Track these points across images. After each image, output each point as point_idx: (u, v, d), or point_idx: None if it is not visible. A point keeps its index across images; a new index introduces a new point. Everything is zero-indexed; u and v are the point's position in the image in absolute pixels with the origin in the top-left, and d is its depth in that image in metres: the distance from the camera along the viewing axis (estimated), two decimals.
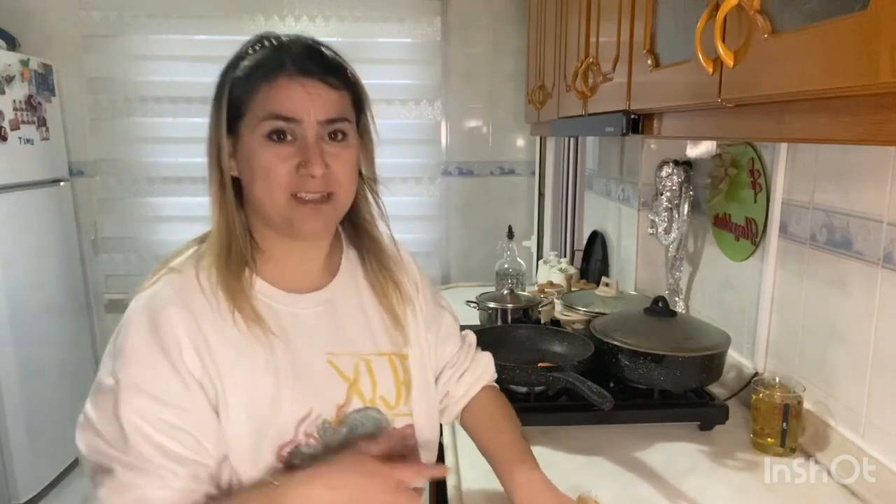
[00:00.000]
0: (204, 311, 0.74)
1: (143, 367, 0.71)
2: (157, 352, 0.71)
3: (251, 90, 0.75)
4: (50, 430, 2.65)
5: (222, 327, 0.75)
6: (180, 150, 2.92)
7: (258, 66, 0.76)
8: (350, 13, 2.85)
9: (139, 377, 0.70)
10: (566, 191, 2.79)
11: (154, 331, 0.72)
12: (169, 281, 0.76)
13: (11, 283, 2.46)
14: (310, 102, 0.75)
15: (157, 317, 0.72)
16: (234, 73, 0.76)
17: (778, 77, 0.65)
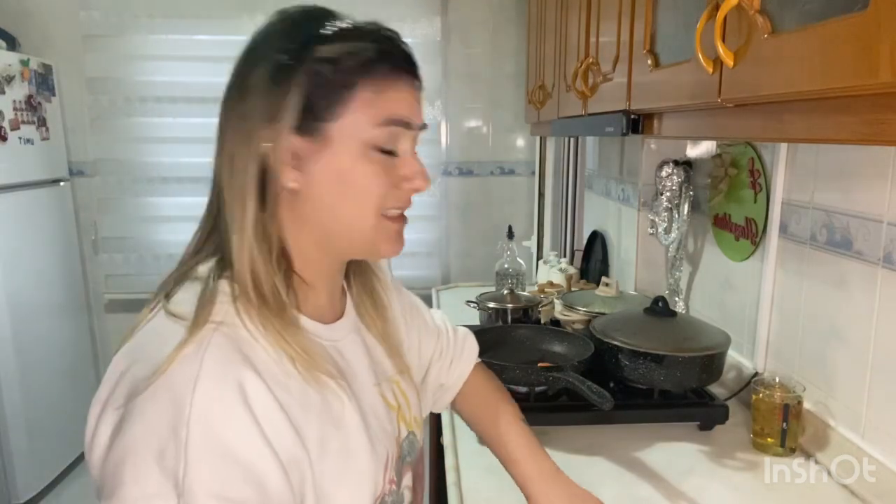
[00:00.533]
0: (274, 375, 0.57)
1: (217, 465, 0.51)
2: (233, 442, 0.52)
3: (348, 85, 0.59)
4: (50, 430, 2.65)
5: (296, 391, 0.58)
6: (180, 150, 2.93)
7: (358, 56, 0.59)
8: (350, 13, 2.84)
9: (213, 479, 0.51)
10: (566, 191, 2.79)
11: (237, 407, 0.53)
12: (224, 336, 0.56)
13: (11, 283, 2.46)
14: (418, 105, 0.63)
15: (239, 385, 0.53)
16: (310, 57, 0.58)
17: (778, 77, 0.65)
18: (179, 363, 0.53)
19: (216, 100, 0.64)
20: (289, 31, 0.61)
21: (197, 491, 0.50)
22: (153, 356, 0.54)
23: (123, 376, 0.56)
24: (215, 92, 0.65)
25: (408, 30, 2.88)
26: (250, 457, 0.53)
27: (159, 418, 0.51)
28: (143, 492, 0.50)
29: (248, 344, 0.57)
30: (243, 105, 0.59)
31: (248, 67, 0.61)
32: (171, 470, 0.50)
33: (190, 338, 0.55)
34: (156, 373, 0.53)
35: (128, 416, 0.53)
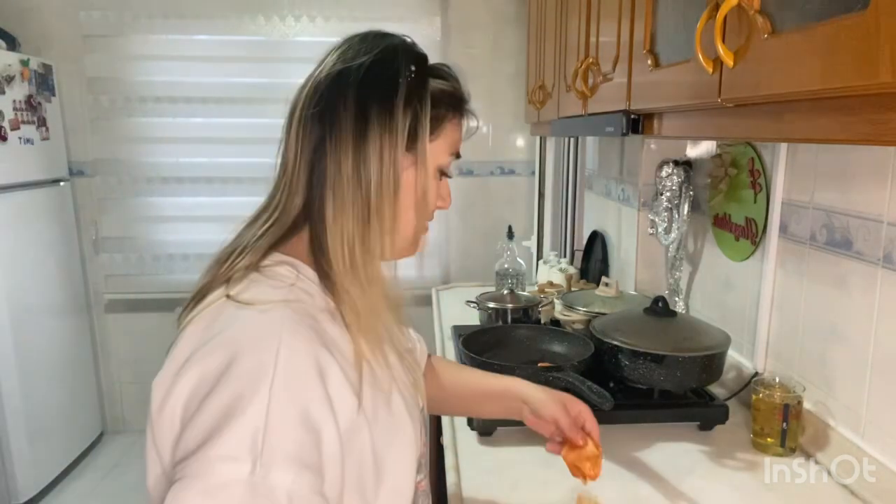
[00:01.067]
0: (341, 350, 0.64)
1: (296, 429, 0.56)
2: (320, 400, 0.58)
3: (442, 118, 0.72)
4: (50, 430, 2.66)
5: (350, 352, 0.66)
6: (180, 150, 2.93)
7: (451, 96, 0.74)
8: (350, 13, 2.86)
9: (293, 440, 0.56)
10: (566, 191, 2.79)
11: (313, 380, 0.59)
12: (297, 312, 0.63)
13: (11, 283, 2.46)
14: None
15: (316, 361, 0.60)
16: (426, 88, 0.70)
17: (778, 77, 0.65)
18: (260, 335, 0.59)
19: (216, 100, 0.66)
20: (410, 57, 0.71)
21: (276, 453, 0.54)
22: (235, 335, 0.59)
23: (201, 349, 0.60)
24: (215, 92, 0.66)
25: (408, 30, 2.83)
26: (319, 425, 0.57)
27: (243, 386, 0.55)
28: (224, 452, 0.53)
29: (312, 319, 0.64)
30: (382, 113, 0.67)
31: (375, 80, 0.68)
32: (252, 433, 0.53)
33: (267, 314, 0.61)
34: (237, 347, 0.58)
35: (213, 385, 0.56)
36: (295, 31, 2.86)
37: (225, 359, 0.57)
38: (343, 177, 0.66)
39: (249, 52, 2.88)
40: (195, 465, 0.53)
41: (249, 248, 0.68)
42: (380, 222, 0.67)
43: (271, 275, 0.66)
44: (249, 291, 0.64)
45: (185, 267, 2.97)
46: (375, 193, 0.66)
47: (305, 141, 0.68)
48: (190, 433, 0.55)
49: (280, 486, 0.53)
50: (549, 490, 1.04)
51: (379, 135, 0.66)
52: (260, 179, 2.92)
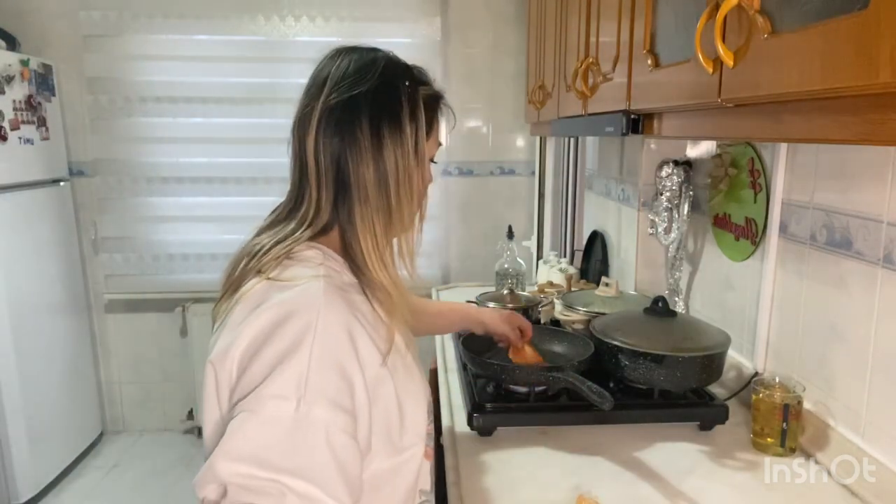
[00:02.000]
0: (366, 315, 0.76)
1: (334, 377, 0.68)
2: (352, 356, 0.70)
3: (432, 119, 0.84)
4: (50, 430, 2.66)
5: (377, 325, 0.77)
6: (180, 150, 2.93)
7: (434, 97, 0.85)
8: (350, 13, 2.86)
9: (331, 386, 0.67)
10: (566, 191, 2.79)
11: (346, 339, 0.70)
12: (331, 283, 0.74)
13: (11, 283, 2.46)
14: None
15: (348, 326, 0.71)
16: (420, 93, 0.81)
17: (778, 77, 0.65)
18: (304, 301, 0.70)
19: (216, 100, 0.68)
20: (402, 73, 0.81)
21: (316, 395, 0.65)
22: (281, 303, 0.70)
23: (255, 311, 0.71)
24: (215, 92, 0.68)
25: (408, 30, 2.89)
26: (351, 376, 0.69)
27: (291, 338, 0.67)
28: (275, 391, 0.65)
29: (344, 290, 0.76)
30: (393, 127, 0.78)
31: (383, 100, 0.78)
32: (297, 376, 0.65)
33: (306, 285, 0.72)
34: (285, 312, 0.69)
35: (263, 342, 0.68)
36: (295, 31, 2.86)
37: (277, 318, 0.68)
38: (367, 186, 0.77)
39: (249, 52, 2.88)
40: (252, 402, 0.65)
41: (281, 245, 0.78)
42: (400, 218, 0.80)
43: (301, 258, 0.77)
44: (287, 272, 0.75)
45: (184, 267, 2.97)
46: (395, 196, 0.78)
47: (328, 160, 0.77)
48: (247, 378, 0.67)
49: (319, 421, 0.65)
50: (549, 490, 1.04)
51: (393, 149, 0.78)
52: (259, 179, 2.93)
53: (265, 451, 0.63)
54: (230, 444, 0.64)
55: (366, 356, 0.71)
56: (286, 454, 0.63)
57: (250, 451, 0.63)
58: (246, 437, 0.64)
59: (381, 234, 0.78)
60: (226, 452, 0.63)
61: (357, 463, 0.69)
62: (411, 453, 0.80)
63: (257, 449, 0.63)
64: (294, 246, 0.78)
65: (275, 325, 0.68)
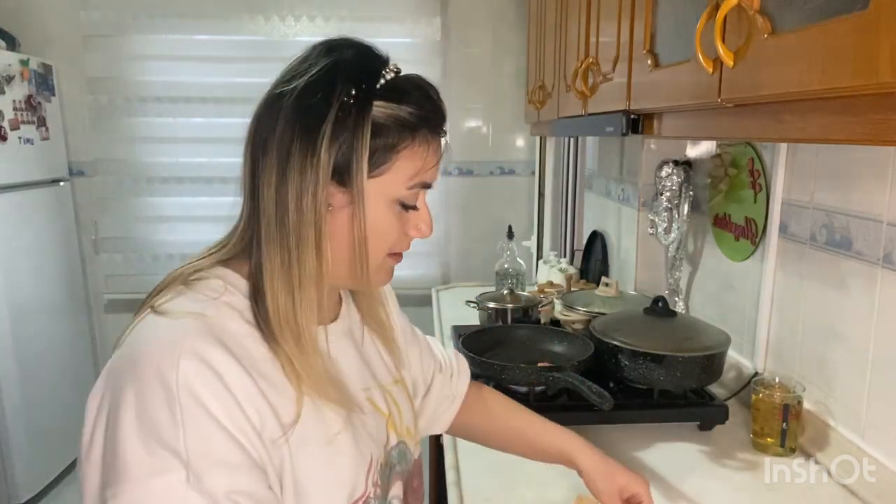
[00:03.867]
0: (255, 364, 0.60)
1: (214, 433, 0.55)
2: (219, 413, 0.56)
3: (392, 149, 0.63)
4: (50, 430, 2.65)
5: (279, 382, 0.61)
6: (180, 150, 2.93)
7: (404, 123, 0.63)
8: (350, 13, 2.85)
9: (213, 445, 0.55)
10: (566, 191, 2.79)
11: (216, 384, 0.56)
12: (203, 324, 0.60)
13: (11, 283, 2.46)
14: (439, 164, 0.68)
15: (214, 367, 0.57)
16: (367, 114, 0.61)
17: (778, 77, 0.65)
18: (164, 348, 0.56)
19: (216, 100, 0.66)
20: (350, 79, 0.62)
21: (202, 459, 0.53)
22: (138, 346, 0.59)
23: (113, 363, 0.60)
24: (215, 92, 0.66)
25: (408, 30, 2.88)
26: (238, 427, 0.56)
27: (151, 399, 0.54)
28: (152, 468, 0.52)
29: (228, 334, 0.60)
30: (304, 147, 0.60)
31: (304, 107, 0.61)
32: (172, 444, 0.53)
33: (176, 323, 0.59)
34: (140, 359, 0.57)
35: (119, 402, 0.55)
36: (295, 31, 2.86)
37: (130, 374, 0.56)
38: (268, 211, 0.61)
39: (249, 52, 2.87)
40: (129, 489, 0.52)
41: (193, 263, 0.66)
42: (301, 268, 0.61)
43: (197, 287, 0.63)
44: (170, 302, 0.62)
45: None
46: (294, 234, 0.61)
47: (248, 163, 0.65)
48: (109, 456, 0.54)
49: (217, 490, 0.53)
50: (549, 490, 1.04)
51: (298, 170, 0.60)
52: None
53: None
54: None
55: (254, 415, 0.57)
56: None
57: None
58: None
59: (281, 284, 0.61)
60: None
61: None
62: None
63: None
64: (200, 269, 0.65)
65: (130, 381, 0.55)
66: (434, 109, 0.67)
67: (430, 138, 0.66)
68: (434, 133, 0.67)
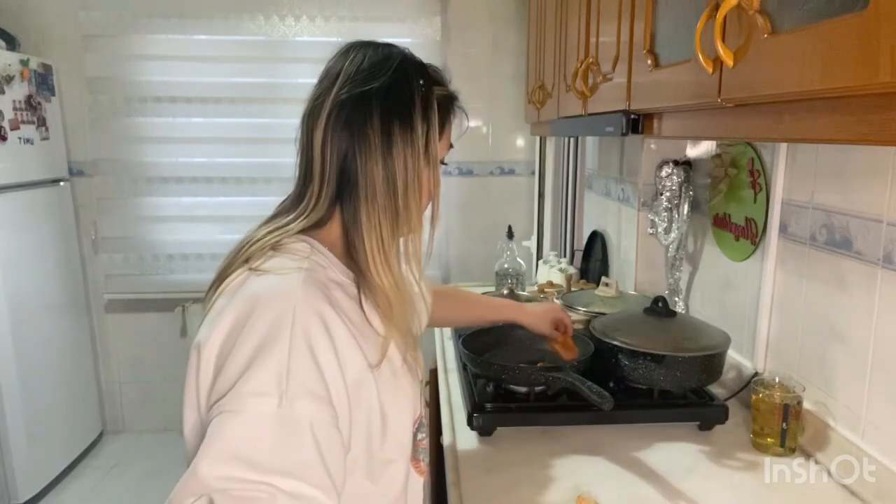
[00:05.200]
0: (347, 312, 0.72)
1: (313, 370, 0.65)
2: (321, 357, 0.66)
3: (447, 120, 0.83)
4: (50, 430, 2.66)
5: (361, 324, 0.74)
6: (180, 150, 2.93)
7: (449, 98, 0.84)
8: (350, 13, 2.86)
9: (312, 379, 0.65)
10: (566, 191, 2.79)
11: (323, 334, 0.67)
12: (311, 276, 0.72)
13: (11, 283, 2.46)
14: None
15: (324, 319, 0.68)
16: (434, 95, 0.80)
17: (778, 77, 0.65)
18: (282, 294, 0.68)
19: (216, 100, 0.68)
20: (417, 71, 0.79)
21: (298, 389, 0.63)
22: (257, 292, 0.69)
23: (229, 304, 0.69)
24: (215, 92, 0.68)
25: (408, 30, 2.88)
26: (331, 372, 0.66)
27: (269, 333, 0.64)
28: (255, 388, 0.62)
29: (326, 287, 0.72)
30: (404, 126, 0.76)
31: (395, 98, 0.76)
32: (277, 372, 0.63)
33: (284, 276, 0.70)
34: (260, 301, 0.67)
35: (239, 335, 0.65)
36: (295, 31, 2.86)
37: (250, 311, 0.66)
38: (375, 185, 0.75)
39: (249, 52, 2.88)
40: (231, 401, 0.62)
41: (271, 234, 0.76)
42: (407, 219, 0.77)
43: (287, 250, 0.75)
44: (269, 262, 0.73)
45: (184, 267, 2.97)
46: (403, 196, 0.76)
47: (334, 155, 0.75)
48: (224, 375, 0.64)
49: (304, 416, 0.63)
50: (549, 490, 1.04)
51: (403, 148, 0.76)
52: (259, 179, 2.92)
53: (251, 452, 0.60)
54: (212, 447, 0.60)
55: (347, 356, 0.69)
56: (273, 453, 0.61)
57: (235, 452, 0.60)
58: (228, 438, 0.61)
59: (387, 235, 0.76)
60: (209, 457, 0.60)
61: (342, 454, 0.67)
62: (394, 469, 0.77)
63: (242, 450, 0.60)
64: (283, 237, 0.76)
65: (248, 317, 0.66)
66: (453, 90, 0.86)
67: (455, 111, 0.86)
68: (457, 108, 0.86)
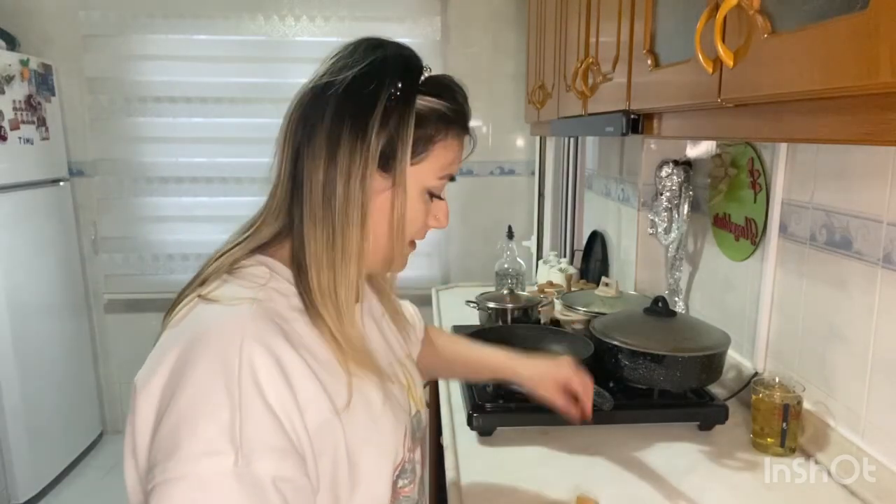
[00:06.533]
0: (308, 346, 0.64)
1: (268, 419, 0.57)
2: (274, 401, 0.58)
3: (430, 140, 0.69)
4: (50, 430, 2.66)
5: (325, 360, 0.65)
6: (180, 150, 2.93)
7: (443, 116, 0.69)
8: (350, 13, 2.86)
9: (268, 430, 0.57)
10: (566, 191, 2.79)
11: (275, 372, 0.59)
12: (262, 308, 0.63)
13: (11, 283, 2.46)
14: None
15: (276, 355, 0.60)
16: (411, 107, 0.66)
17: (778, 77, 0.65)
18: (226, 332, 0.59)
19: (216, 100, 0.67)
20: (397, 72, 0.66)
21: (254, 444, 0.55)
22: (200, 328, 0.60)
23: (169, 346, 0.60)
24: (215, 92, 0.67)
25: (408, 30, 2.88)
26: (287, 415, 0.58)
27: (211, 381, 0.56)
28: (205, 448, 0.54)
29: (281, 318, 0.63)
30: (355, 133, 0.65)
31: (355, 96, 0.65)
32: (228, 426, 0.54)
33: (233, 310, 0.61)
34: (202, 341, 0.58)
35: (179, 382, 0.56)
36: (295, 31, 2.86)
37: (190, 353, 0.58)
38: (314, 193, 0.65)
39: (249, 52, 2.88)
40: (178, 466, 0.53)
41: (229, 252, 0.68)
42: (344, 245, 0.65)
43: (243, 275, 0.66)
44: (219, 290, 0.64)
45: (184, 267, 2.96)
46: (341, 214, 0.65)
47: (288, 150, 0.67)
48: (163, 431, 0.55)
49: (264, 475, 0.55)
50: (549, 490, 1.04)
51: (349, 154, 0.64)
52: (259, 179, 2.91)
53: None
54: None
55: (308, 399, 0.60)
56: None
57: None
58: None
59: (327, 255, 0.65)
60: None
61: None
62: None
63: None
64: (239, 257, 0.67)
65: (187, 362, 0.57)
66: (464, 108, 0.72)
67: (460, 133, 0.72)
68: (464, 129, 0.72)
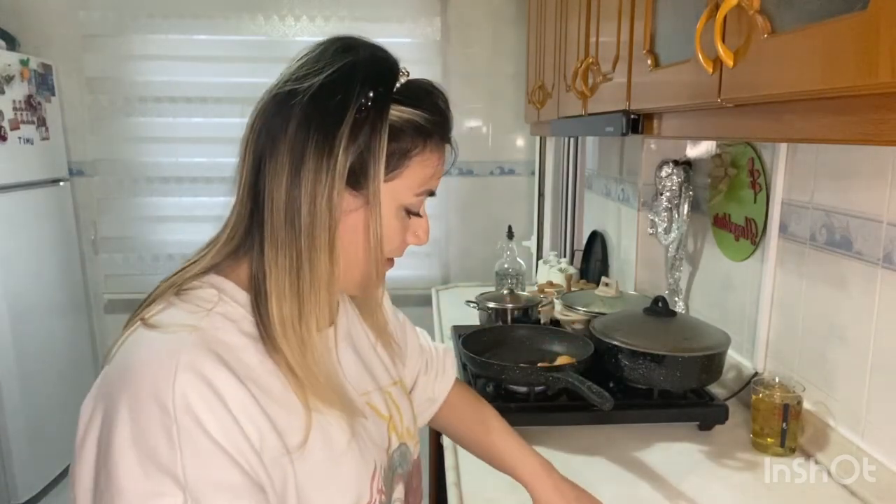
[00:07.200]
0: (255, 378, 0.58)
1: (214, 455, 0.53)
2: (218, 434, 0.53)
3: (405, 155, 0.62)
4: (50, 431, 2.65)
5: (279, 394, 0.59)
6: (180, 150, 2.93)
7: (420, 128, 0.63)
8: (350, 13, 2.86)
9: (214, 464, 0.53)
10: (566, 191, 2.79)
11: (213, 401, 0.54)
12: (199, 337, 0.57)
13: (11, 283, 2.46)
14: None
15: (211, 383, 0.54)
16: (383, 119, 0.60)
17: (778, 77, 0.65)
18: (158, 365, 0.54)
19: (216, 100, 0.65)
20: (368, 80, 0.60)
21: (201, 483, 0.51)
22: (131, 361, 0.56)
23: (105, 379, 0.57)
24: (215, 92, 0.66)
25: (408, 30, 2.88)
26: (236, 447, 0.54)
27: (147, 418, 0.52)
28: (147, 490, 0.50)
29: (226, 347, 0.57)
30: (320, 148, 0.58)
31: (321, 107, 0.59)
32: (170, 467, 0.51)
33: (170, 338, 0.56)
34: (135, 375, 0.54)
35: (113, 420, 0.53)
36: (295, 31, 2.86)
37: (123, 387, 0.54)
38: (276, 213, 0.59)
39: (249, 52, 2.87)
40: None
41: (184, 270, 0.63)
42: (312, 272, 0.59)
43: (189, 298, 0.60)
44: (161, 314, 0.59)
45: None
46: (306, 237, 0.58)
47: (249, 161, 0.62)
48: (105, 471, 0.52)
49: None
50: None
51: (314, 171, 0.58)
52: None
53: None
54: None
55: (253, 430, 0.55)
56: None
57: None
58: None
59: (288, 289, 0.59)
60: None
61: None
62: None
63: None
64: (190, 276, 0.62)
65: (120, 398, 0.53)
66: (445, 116, 0.66)
67: (439, 145, 0.66)
68: (443, 140, 0.66)
